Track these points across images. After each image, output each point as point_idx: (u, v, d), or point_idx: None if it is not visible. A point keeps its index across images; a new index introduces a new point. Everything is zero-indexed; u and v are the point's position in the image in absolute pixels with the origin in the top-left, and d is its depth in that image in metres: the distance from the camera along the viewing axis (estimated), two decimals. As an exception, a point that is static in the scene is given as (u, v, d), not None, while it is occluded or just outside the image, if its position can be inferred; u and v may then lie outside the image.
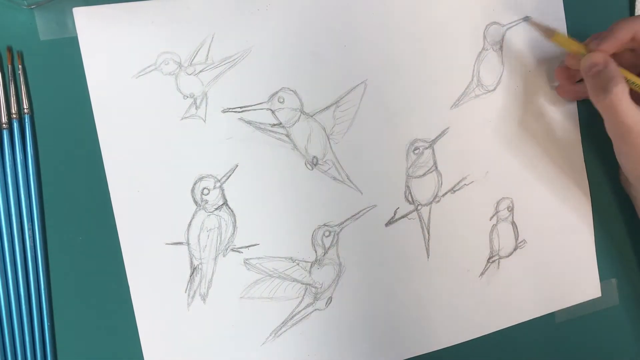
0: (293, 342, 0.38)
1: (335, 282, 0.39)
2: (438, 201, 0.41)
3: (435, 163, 0.41)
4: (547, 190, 0.44)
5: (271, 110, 0.37)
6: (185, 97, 0.36)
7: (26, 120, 0.33)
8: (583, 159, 0.45)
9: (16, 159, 0.33)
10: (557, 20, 0.44)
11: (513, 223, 0.43)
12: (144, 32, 0.35)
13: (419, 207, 0.40)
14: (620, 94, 0.36)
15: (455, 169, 0.41)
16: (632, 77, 0.38)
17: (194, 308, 0.36)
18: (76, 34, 0.34)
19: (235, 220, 0.37)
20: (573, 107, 0.44)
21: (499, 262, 0.43)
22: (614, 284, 0.46)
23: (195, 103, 0.36)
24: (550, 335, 0.45)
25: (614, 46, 0.38)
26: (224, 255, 0.37)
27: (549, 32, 0.41)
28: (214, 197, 0.36)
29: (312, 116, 0.38)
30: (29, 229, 0.34)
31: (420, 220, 0.41)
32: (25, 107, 0.33)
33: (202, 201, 0.36)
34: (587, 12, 0.45)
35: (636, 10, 0.46)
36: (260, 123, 0.37)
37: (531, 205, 0.43)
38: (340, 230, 0.39)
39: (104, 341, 0.35)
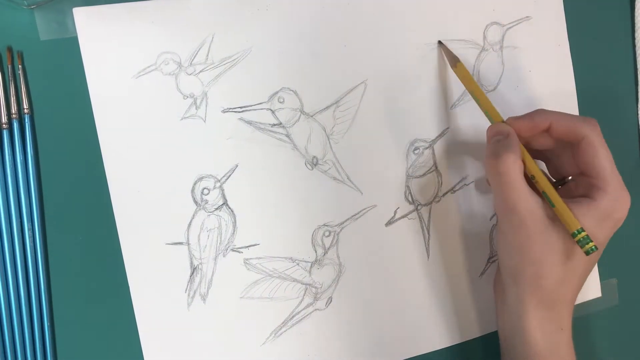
0: (293, 342, 0.38)
1: (335, 282, 0.39)
2: (438, 201, 0.41)
3: (435, 163, 0.41)
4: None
5: (271, 110, 0.37)
6: (185, 97, 0.36)
7: (26, 120, 0.33)
8: (583, 159, 0.45)
9: (16, 159, 0.33)
10: (558, 19, 0.44)
11: (513, 223, 0.43)
12: (144, 32, 0.35)
13: (419, 207, 0.40)
14: (511, 163, 0.33)
15: (455, 169, 0.41)
16: (530, 162, 0.35)
17: (194, 308, 0.36)
18: (76, 34, 0.34)
19: (235, 220, 0.37)
20: (574, 107, 0.44)
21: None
22: (614, 284, 0.46)
23: (195, 103, 0.36)
24: (550, 335, 0.44)
25: (527, 125, 0.35)
26: (224, 255, 0.37)
27: (452, 60, 0.39)
28: (214, 197, 0.36)
29: (312, 116, 0.38)
30: (29, 229, 0.34)
31: (420, 220, 0.41)
32: (25, 107, 0.33)
33: (202, 201, 0.36)
34: (587, 12, 0.45)
35: (636, 10, 0.46)
36: (261, 123, 0.37)
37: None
38: (340, 230, 0.39)
39: (104, 341, 0.35)
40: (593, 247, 0.32)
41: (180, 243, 0.36)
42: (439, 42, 0.40)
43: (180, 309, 0.36)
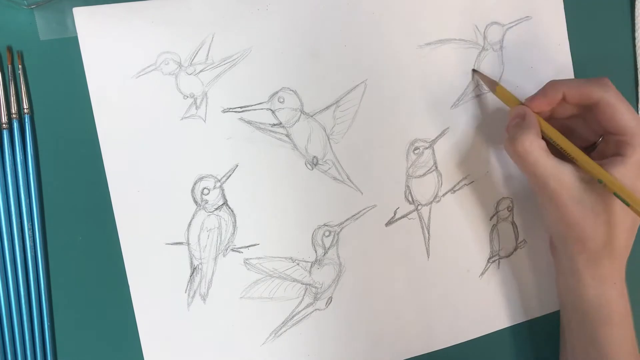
0: (293, 342, 0.38)
1: (335, 282, 0.39)
2: (438, 201, 0.41)
3: (435, 163, 0.41)
4: (547, 190, 0.44)
5: (271, 110, 0.37)
6: (185, 97, 0.36)
7: (26, 120, 0.33)
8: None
9: (16, 159, 0.33)
10: (558, 20, 0.44)
11: (513, 223, 0.43)
12: (144, 32, 0.35)
13: (419, 207, 0.40)
14: (529, 143, 0.34)
15: (455, 169, 0.41)
16: (551, 131, 0.36)
17: (194, 308, 0.36)
18: (76, 34, 0.34)
19: (235, 220, 0.37)
20: (573, 107, 0.44)
21: (499, 262, 0.43)
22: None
23: (195, 103, 0.36)
24: (551, 336, 0.44)
25: (543, 102, 0.37)
26: (224, 255, 0.37)
27: (491, 84, 0.40)
28: (214, 197, 0.36)
29: (312, 116, 0.38)
30: (29, 229, 0.34)
31: (421, 220, 0.41)
32: (25, 107, 0.33)
33: (202, 201, 0.36)
34: (587, 11, 0.45)
35: (636, 10, 0.46)
36: (261, 123, 0.37)
37: (531, 205, 0.43)
38: (340, 230, 0.39)
39: (104, 341, 0.35)
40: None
41: (180, 243, 0.36)
42: (473, 70, 0.41)
43: (180, 309, 0.36)
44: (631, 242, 0.37)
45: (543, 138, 0.36)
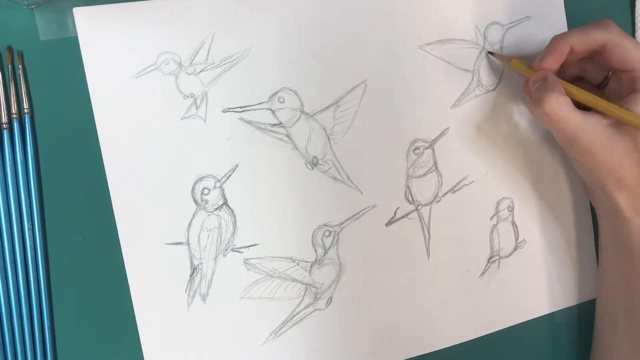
0: (293, 342, 0.38)
1: (335, 282, 0.39)
2: (438, 201, 0.41)
3: (435, 163, 0.41)
4: (547, 190, 0.44)
5: (271, 110, 0.37)
6: (186, 97, 0.36)
7: (26, 120, 0.33)
8: (583, 159, 0.45)
9: (16, 159, 0.33)
10: (558, 20, 0.44)
11: (513, 223, 0.43)
12: (144, 32, 0.35)
13: (419, 207, 0.40)
14: (555, 101, 0.35)
15: (455, 169, 0.41)
16: (572, 88, 0.37)
17: (194, 308, 0.36)
18: (76, 34, 0.34)
19: (235, 220, 0.37)
20: (573, 107, 0.44)
21: (499, 262, 0.43)
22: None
23: (195, 103, 0.36)
24: (550, 335, 0.45)
25: (553, 60, 0.38)
26: (224, 255, 0.37)
27: (506, 60, 0.41)
28: (214, 197, 0.36)
29: (312, 116, 0.38)
30: (29, 229, 0.34)
31: (421, 220, 0.41)
32: (25, 107, 0.33)
33: (202, 201, 0.36)
34: (587, 12, 0.45)
35: (636, 10, 0.46)
36: (261, 123, 0.37)
37: (531, 205, 0.43)
38: (341, 230, 0.39)
39: (104, 341, 0.35)
40: None
41: (180, 243, 0.36)
42: (488, 52, 0.42)
43: (180, 309, 0.36)
44: None
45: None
